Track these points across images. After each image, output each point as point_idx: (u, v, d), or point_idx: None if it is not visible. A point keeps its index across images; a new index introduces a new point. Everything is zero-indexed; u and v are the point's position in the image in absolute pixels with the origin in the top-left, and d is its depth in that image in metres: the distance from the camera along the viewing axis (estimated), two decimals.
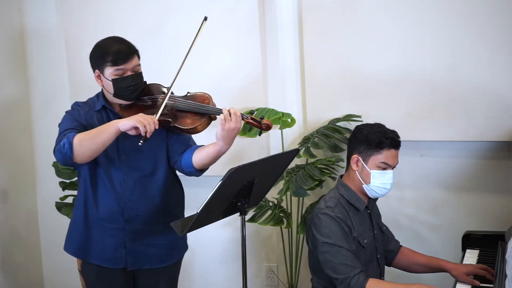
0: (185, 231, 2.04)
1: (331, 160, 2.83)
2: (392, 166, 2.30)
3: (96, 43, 2.31)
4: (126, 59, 2.23)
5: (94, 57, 2.29)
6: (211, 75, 3.04)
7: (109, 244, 2.32)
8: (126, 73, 2.24)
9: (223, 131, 2.16)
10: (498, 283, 2.04)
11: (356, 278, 2.15)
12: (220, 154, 2.25)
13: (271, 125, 2.27)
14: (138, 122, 2.08)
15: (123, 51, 2.24)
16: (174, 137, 2.36)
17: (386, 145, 2.27)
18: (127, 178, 2.30)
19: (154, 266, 2.38)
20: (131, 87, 2.25)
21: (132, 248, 2.33)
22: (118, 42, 2.28)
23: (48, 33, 3.44)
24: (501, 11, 2.60)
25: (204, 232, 2.36)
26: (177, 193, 2.45)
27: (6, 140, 3.38)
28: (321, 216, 2.26)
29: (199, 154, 2.28)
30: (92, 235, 2.34)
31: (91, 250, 2.35)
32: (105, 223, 2.31)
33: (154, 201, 2.34)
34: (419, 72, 2.76)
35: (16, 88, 3.48)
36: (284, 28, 3.04)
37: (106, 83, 2.25)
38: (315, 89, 2.96)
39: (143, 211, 2.32)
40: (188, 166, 2.31)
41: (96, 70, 2.28)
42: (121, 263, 2.34)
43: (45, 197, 3.53)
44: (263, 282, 3.29)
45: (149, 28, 3.11)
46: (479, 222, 2.78)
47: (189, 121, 2.26)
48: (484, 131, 2.69)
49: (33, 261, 3.59)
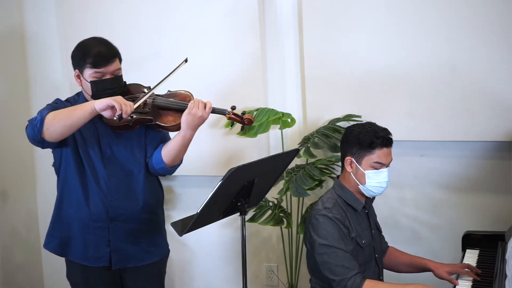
0: (185, 231, 2.04)
1: (331, 160, 2.83)
2: (386, 164, 2.29)
3: (79, 43, 2.31)
4: (107, 63, 2.23)
5: (75, 57, 2.28)
6: (211, 75, 3.04)
7: (91, 242, 2.32)
8: (105, 76, 2.24)
9: (189, 115, 2.19)
10: (498, 283, 2.04)
11: (353, 279, 2.15)
12: (185, 141, 2.25)
13: (253, 120, 2.31)
14: (113, 100, 2.08)
15: (104, 54, 2.24)
16: (149, 137, 2.38)
17: (377, 144, 2.25)
18: (111, 176, 2.31)
19: (138, 264, 2.39)
20: (109, 90, 2.25)
21: (116, 246, 2.33)
22: (100, 43, 2.27)
23: (48, 33, 3.44)
24: (501, 11, 2.60)
25: (204, 232, 2.36)
26: (157, 192, 2.47)
27: (6, 140, 3.38)
28: (319, 217, 2.26)
29: (166, 147, 2.31)
30: (73, 234, 2.34)
31: (71, 248, 2.35)
32: (90, 221, 2.30)
33: (137, 199, 2.35)
34: (419, 72, 2.76)
35: (16, 88, 3.48)
36: (284, 28, 3.04)
37: (84, 84, 2.26)
38: (315, 89, 2.96)
39: (127, 210, 2.33)
40: (158, 161, 2.32)
41: (76, 69, 2.28)
42: (103, 262, 2.34)
43: (45, 197, 3.53)
44: (263, 282, 3.29)
45: (149, 29, 3.11)
46: (479, 222, 2.78)
47: (171, 118, 2.28)
48: (484, 131, 2.69)
49: (33, 261, 3.59)
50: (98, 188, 2.29)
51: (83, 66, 2.23)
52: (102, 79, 2.23)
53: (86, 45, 2.27)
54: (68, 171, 2.32)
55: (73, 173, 2.31)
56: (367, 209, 2.40)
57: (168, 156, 2.30)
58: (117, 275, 2.39)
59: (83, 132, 2.29)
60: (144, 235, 2.38)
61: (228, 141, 3.10)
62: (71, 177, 2.31)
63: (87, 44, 2.27)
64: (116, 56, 2.27)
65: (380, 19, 2.79)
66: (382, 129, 2.30)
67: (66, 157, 2.31)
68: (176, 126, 2.27)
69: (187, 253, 3.36)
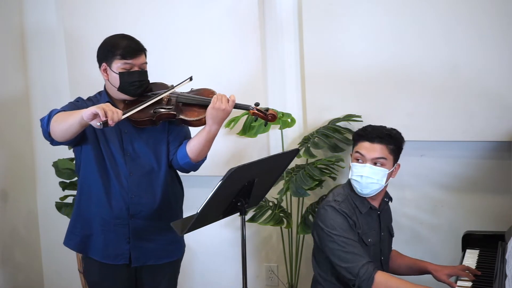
0: (185, 231, 2.04)
1: (331, 160, 2.83)
2: (368, 159, 2.28)
3: (106, 39, 2.33)
4: (135, 55, 2.26)
5: (103, 50, 2.30)
6: (211, 75, 3.03)
7: (111, 240, 2.33)
8: (133, 68, 2.26)
9: (213, 109, 2.20)
10: (498, 283, 2.04)
11: (366, 267, 2.16)
12: (210, 135, 2.26)
13: (276, 115, 2.31)
14: (97, 108, 2.01)
15: (133, 46, 2.28)
16: (173, 134, 2.38)
17: (360, 136, 2.32)
18: (133, 173, 2.31)
19: (158, 262, 2.39)
20: (136, 83, 2.27)
21: (136, 244, 2.34)
22: (128, 38, 2.31)
23: (48, 33, 3.44)
24: (501, 11, 2.60)
25: (204, 232, 2.36)
26: (177, 189, 2.47)
27: (6, 140, 3.38)
28: (327, 207, 2.28)
29: (191, 142, 2.32)
30: (93, 231, 2.34)
31: (91, 246, 2.35)
32: (110, 218, 2.31)
33: (157, 196, 2.34)
34: (419, 72, 2.76)
35: (16, 88, 3.48)
36: (284, 28, 3.04)
37: (112, 76, 2.27)
38: (315, 89, 2.96)
39: (147, 207, 2.33)
40: (183, 156, 2.32)
41: (103, 63, 2.29)
42: (123, 259, 2.34)
43: (45, 197, 3.53)
44: (263, 282, 3.29)
45: (150, 28, 3.11)
46: (479, 222, 2.78)
47: (195, 113, 2.29)
48: (484, 131, 2.70)
49: (33, 261, 3.59)
50: (119, 185, 2.29)
51: (112, 58, 2.25)
52: (130, 71, 2.26)
53: (114, 39, 2.30)
54: (88, 168, 2.32)
55: (94, 170, 2.31)
56: (379, 211, 2.39)
57: (193, 151, 2.31)
58: (133, 273, 2.39)
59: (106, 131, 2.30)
60: (165, 232, 2.37)
61: (228, 141, 3.10)
62: (92, 174, 2.31)
63: (114, 39, 2.30)
64: (143, 50, 2.31)
65: (380, 19, 2.80)
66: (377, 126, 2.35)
67: (86, 154, 2.32)
68: (200, 121, 2.28)
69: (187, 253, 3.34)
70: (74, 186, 3.10)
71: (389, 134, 2.31)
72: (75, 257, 3.23)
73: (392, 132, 2.33)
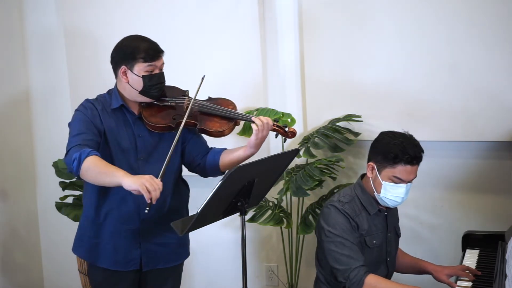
0: (185, 231, 2.04)
1: (331, 160, 2.83)
2: (406, 181, 2.23)
3: (122, 40, 2.29)
4: (157, 57, 2.25)
5: (122, 53, 2.25)
6: (211, 75, 3.01)
7: (121, 246, 2.31)
8: (155, 70, 2.25)
9: (257, 139, 2.23)
10: (498, 283, 2.04)
11: (356, 270, 2.16)
12: (247, 158, 2.31)
13: (295, 132, 2.33)
14: (142, 188, 1.97)
15: (154, 48, 2.26)
16: (195, 141, 2.39)
17: (401, 160, 2.18)
18: None
19: (167, 265, 2.39)
20: (159, 85, 2.26)
21: (146, 248, 2.33)
22: (147, 40, 2.29)
23: (48, 33, 3.43)
24: (500, 11, 2.60)
25: (204, 232, 2.36)
26: (185, 193, 2.47)
27: (6, 140, 3.38)
28: (330, 207, 2.29)
29: (228, 157, 2.34)
30: (103, 238, 2.31)
31: (101, 254, 2.32)
32: (121, 224, 2.29)
33: (166, 201, 2.34)
34: (419, 72, 2.76)
35: (16, 88, 3.48)
36: (284, 29, 3.04)
37: (134, 79, 2.23)
38: (315, 89, 2.96)
39: (156, 211, 2.30)
40: (214, 168, 2.36)
41: (123, 66, 2.24)
42: (134, 265, 2.33)
43: (45, 197, 3.53)
44: (263, 282, 3.29)
45: (149, 28, 3.09)
46: (479, 222, 2.78)
47: (217, 124, 2.30)
48: (484, 131, 2.70)
49: (33, 261, 3.59)
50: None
51: (134, 61, 2.22)
52: (153, 73, 2.24)
53: (134, 41, 2.27)
54: None
55: None
56: (386, 212, 2.39)
57: (227, 164, 2.34)
58: (138, 277, 2.38)
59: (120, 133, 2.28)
60: (173, 236, 2.36)
61: (228, 141, 3.10)
62: None
63: (135, 41, 2.27)
64: (162, 51, 2.30)
65: (380, 19, 2.80)
66: (413, 145, 2.21)
67: None
68: (220, 133, 2.29)
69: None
70: (74, 186, 3.09)
71: (422, 152, 2.24)
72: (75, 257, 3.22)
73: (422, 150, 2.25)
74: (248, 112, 2.90)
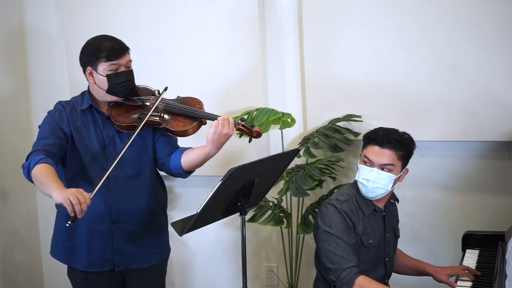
0: (185, 231, 2.04)
1: (331, 160, 2.83)
2: (375, 164, 2.25)
3: (87, 41, 2.31)
4: (121, 54, 2.25)
5: (86, 54, 2.28)
6: (211, 75, 3.04)
7: (95, 247, 2.32)
8: (119, 69, 2.25)
9: (215, 134, 2.19)
10: (498, 283, 2.04)
11: (348, 271, 2.17)
12: (208, 157, 2.27)
13: (261, 133, 2.30)
14: (66, 201, 1.92)
15: (116, 46, 2.26)
16: (162, 140, 2.38)
17: (371, 140, 2.28)
18: (114, 179, 2.29)
19: (141, 266, 2.39)
20: (125, 83, 2.26)
21: (119, 248, 2.33)
22: (109, 39, 2.29)
23: (48, 33, 3.43)
24: (501, 11, 2.60)
25: (204, 232, 2.36)
26: (161, 194, 2.47)
27: (6, 140, 3.38)
28: (328, 206, 2.29)
29: (188, 156, 2.31)
30: (77, 240, 2.33)
31: (76, 255, 2.34)
32: (92, 225, 2.29)
33: (140, 201, 2.35)
34: (419, 72, 2.76)
35: (16, 88, 3.48)
36: (284, 28, 3.04)
37: (99, 79, 2.25)
38: (315, 89, 2.96)
39: (130, 212, 2.32)
40: (177, 167, 2.33)
41: (88, 67, 2.27)
42: (108, 265, 2.34)
43: (45, 197, 3.48)
44: (263, 282, 3.29)
45: (149, 29, 3.11)
46: (479, 222, 2.78)
47: (181, 123, 2.29)
48: (484, 131, 2.69)
49: (33, 261, 3.59)
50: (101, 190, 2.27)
51: (96, 61, 2.23)
52: (117, 72, 2.24)
53: (96, 41, 2.28)
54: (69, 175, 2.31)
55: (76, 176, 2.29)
56: (384, 212, 2.39)
57: (188, 165, 2.32)
58: (119, 277, 2.40)
59: (88, 134, 2.29)
60: (148, 236, 2.38)
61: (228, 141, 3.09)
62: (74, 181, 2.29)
63: (96, 41, 2.28)
64: (126, 49, 2.29)
65: (380, 19, 2.79)
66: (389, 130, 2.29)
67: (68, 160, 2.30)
68: (183, 132, 2.29)
69: (187, 253, 3.36)
70: None
71: (400, 140, 2.26)
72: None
73: (403, 138, 2.27)
74: (248, 112, 2.90)
